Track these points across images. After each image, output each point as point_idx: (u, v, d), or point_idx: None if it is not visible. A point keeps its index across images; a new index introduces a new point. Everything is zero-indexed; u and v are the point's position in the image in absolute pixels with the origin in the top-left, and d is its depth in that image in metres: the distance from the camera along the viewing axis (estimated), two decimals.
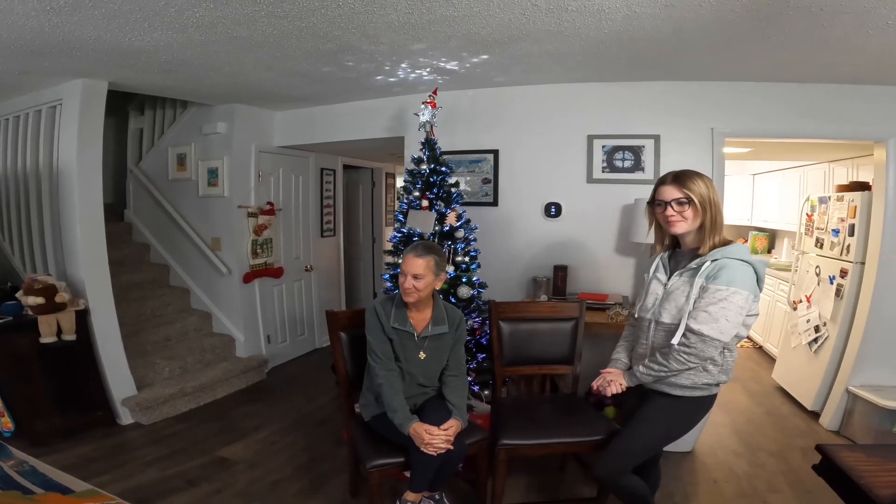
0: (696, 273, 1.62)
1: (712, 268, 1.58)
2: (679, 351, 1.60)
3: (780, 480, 2.58)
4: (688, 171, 1.68)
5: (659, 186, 1.71)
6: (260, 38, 2.37)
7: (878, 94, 2.85)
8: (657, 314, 1.73)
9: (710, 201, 1.63)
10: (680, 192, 1.64)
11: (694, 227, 1.67)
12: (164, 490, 2.47)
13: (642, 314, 1.81)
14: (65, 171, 2.99)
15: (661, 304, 1.72)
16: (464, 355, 2.24)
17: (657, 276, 1.78)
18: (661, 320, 1.70)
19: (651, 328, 1.76)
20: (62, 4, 1.91)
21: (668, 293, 1.70)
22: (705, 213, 1.63)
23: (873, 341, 3.00)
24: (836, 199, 3.45)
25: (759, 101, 2.98)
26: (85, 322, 3.01)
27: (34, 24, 2.09)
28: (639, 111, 3.15)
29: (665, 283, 1.74)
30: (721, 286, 1.54)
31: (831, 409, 3.19)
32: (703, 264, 1.60)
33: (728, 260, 1.57)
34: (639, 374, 1.73)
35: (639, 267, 3.17)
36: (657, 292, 1.76)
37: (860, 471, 1.24)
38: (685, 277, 1.66)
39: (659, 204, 1.70)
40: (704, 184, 1.64)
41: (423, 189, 2.85)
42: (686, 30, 2.20)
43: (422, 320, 2.12)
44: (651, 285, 1.80)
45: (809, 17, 1.97)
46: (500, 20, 2.18)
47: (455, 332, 2.16)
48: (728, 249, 1.60)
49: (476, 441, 2.13)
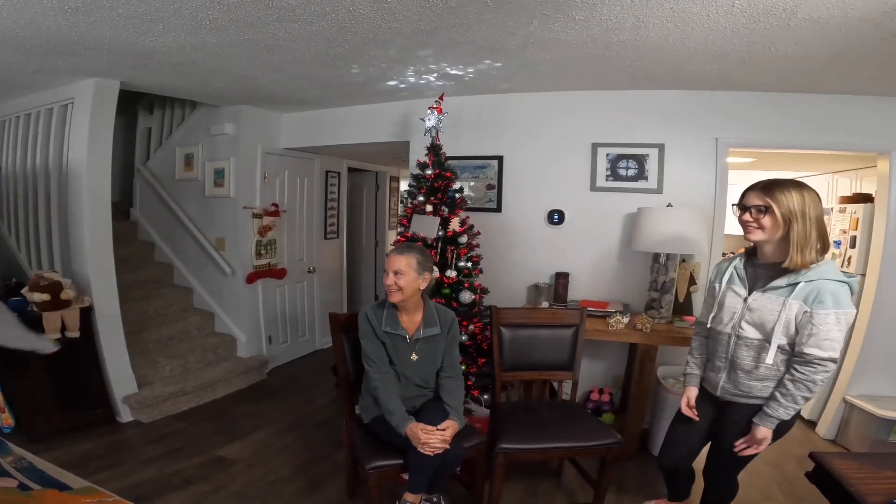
0: (786, 293, 1.57)
1: (811, 290, 1.53)
2: (821, 380, 1.55)
3: (774, 488, 2.59)
4: (784, 181, 1.61)
5: (747, 190, 1.67)
6: (271, 41, 2.41)
7: (882, 106, 2.85)
8: (737, 328, 1.70)
9: (799, 214, 1.55)
10: (761, 200, 1.59)
11: (773, 238, 1.62)
12: (162, 488, 2.47)
13: (718, 328, 1.77)
14: (74, 170, 3.02)
15: (741, 319, 1.68)
16: (458, 356, 2.26)
17: (733, 289, 1.74)
18: (744, 335, 1.67)
19: (731, 342, 1.72)
20: (80, 4, 1.94)
21: (749, 309, 1.66)
22: (790, 226, 1.56)
23: (872, 352, 3.01)
24: (839, 210, 3.46)
25: (763, 112, 3.00)
26: (89, 319, 3.03)
27: (51, 23, 2.12)
28: (643, 120, 3.17)
29: (745, 297, 1.70)
30: (831, 311, 1.51)
31: (828, 418, 3.19)
32: (797, 284, 1.55)
33: (827, 282, 1.52)
34: (782, 414, 1.60)
35: (639, 276, 3.18)
36: (736, 306, 1.71)
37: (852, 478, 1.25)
38: (772, 295, 1.61)
39: (741, 207, 1.67)
40: (799, 197, 1.56)
41: (427, 194, 2.87)
42: (693, 39, 2.22)
43: (413, 323, 2.14)
44: (727, 298, 1.75)
45: (816, 26, 1.99)
46: (507, 28, 2.21)
47: (447, 334, 2.19)
48: (822, 270, 1.54)
49: (474, 445, 2.14)
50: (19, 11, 2.00)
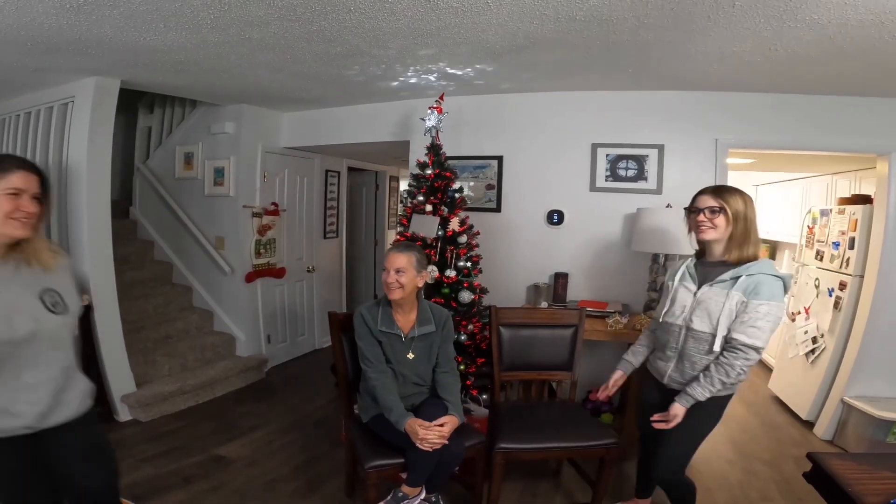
0: (729, 285, 1.73)
1: (749, 283, 1.69)
2: (740, 366, 1.69)
3: (772, 489, 2.59)
4: (729, 186, 1.84)
5: (698, 195, 1.84)
6: (271, 41, 2.41)
7: (882, 107, 2.86)
8: (688, 321, 1.83)
9: (743, 216, 1.75)
10: (715, 202, 1.77)
11: (722, 237, 1.79)
12: (160, 487, 2.47)
13: (670, 320, 1.89)
14: (74, 169, 3.02)
15: (691, 311, 1.82)
16: (453, 352, 2.29)
17: (685, 285, 1.88)
18: (693, 327, 1.80)
19: (681, 334, 1.85)
20: (81, 3, 1.94)
21: (698, 302, 1.80)
22: (736, 225, 1.75)
23: (869, 353, 3.02)
24: (838, 211, 3.46)
25: (763, 112, 3.00)
26: (87, 318, 3.02)
27: (52, 22, 2.12)
28: (643, 120, 3.18)
29: (695, 292, 1.83)
30: (763, 301, 1.66)
31: (826, 419, 3.20)
32: (738, 277, 1.71)
33: (763, 276, 1.69)
34: (698, 394, 1.75)
35: (638, 276, 3.19)
36: (686, 300, 1.85)
37: (849, 479, 1.26)
38: (717, 288, 1.76)
39: (694, 210, 1.83)
40: (742, 200, 1.76)
41: (427, 194, 2.88)
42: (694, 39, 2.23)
43: (408, 322, 2.16)
44: (678, 293, 1.89)
45: (817, 27, 2.00)
46: (508, 29, 2.21)
47: (442, 331, 2.21)
48: (761, 265, 1.72)
49: (473, 444, 2.14)
50: (21, 10, 2.00)
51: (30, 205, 1.32)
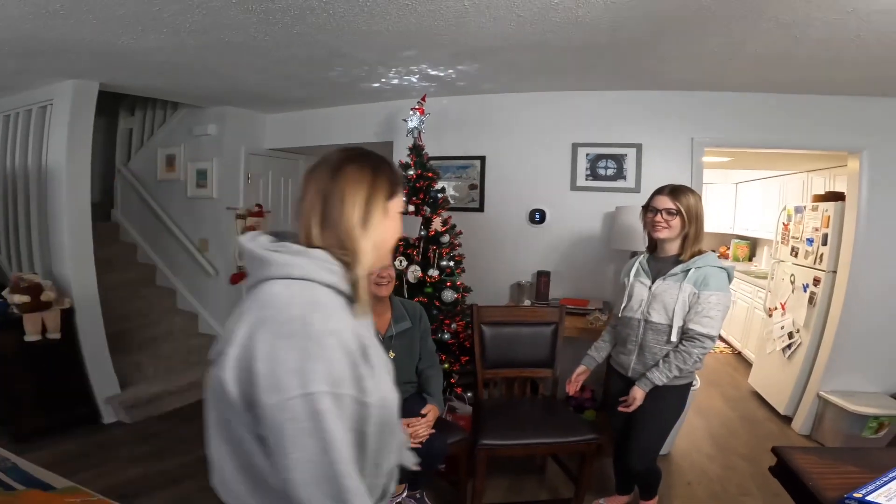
0: (681, 278, 1.86)
1: (699, 275, 1.83)
2: (697, 353, 1.82)
3: (751, 483, 2.64)
4: (683, 187, 1.93)
5: (655, 195, 1.94)
6: (252, 43, 2.42)
7: (854, 106, 2.92)
8: (646, 314, 1.93)
9: (696, 216, 1.87)
10: (672, 204, 1.87)
11: (676, 236, 1.90)
12: (148, 487, 2.48)
13: (629, 314, 1.99)
14: (53, 172, 3.00)
15: (648, 304, 1.92)
16: (433, 346, 2.34)
17: (640, 280, 1.99)
18: (651, 320, 1.91)
19: (640, 327, 1.95)
20: (58, 8, 1.94)
21: (654, 295, 1.92)
22: (690, 225, 1.87)
23: (844, 348, 3.09)
24: (811, 208, 3.54)
25: (737, 111, 3.06)
26: (70, 321, 3.01)
27: (30, 26, 2.12)
28: (622, 120, 3.23)
29: (650, 286, 1.94)
30: (713, 292, 1.80)
31: (803, 413, 3.27)
32: (689, 271, 1.85)
33: (710, 268, 1.84)
34: (656, 378, 1.87)
35: (619, 274, 3.23)
36: (643, 295, 1.96)
37: (811, 473, 1.27)
38: (670, 281, 1.88)
39: (651, 210, 1.92)
40: (696, 200, 1.88)
41: (409, 194, 2.90)
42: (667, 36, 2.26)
43: (383, 321, 2.20)
44: (635, 288, 2.00)
45: (786, 29, 2.05)
46: (487, 31, 2.24)
47: (419, 325, 2.26)
48: (707, 258, 1.86)
49: (457, 441, 2.18)
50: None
51: None
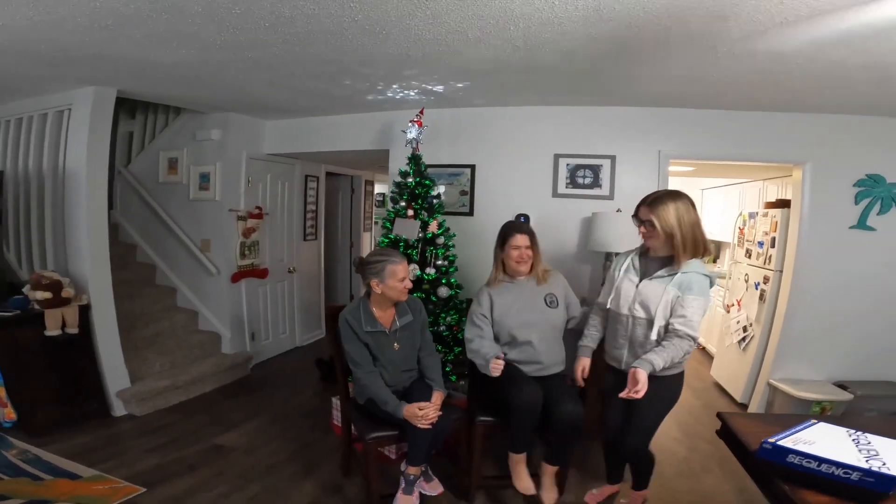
0: (667, 281, 2.00)
1: (684, 279, 1.97)
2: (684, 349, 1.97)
3: (712, 463, 2.96)
4: (662, 197, 2.01)
5: (638, 205, 2.08)
6: (270, 59, 2.64)
7: (799, 121, 3.29)
8: (633, 310, 2.08)
9: (676, 225, 1.95)
10: (646, 217, 2.02)
11: (663, 243, 2.04)
12: (168, 473, 2.65)
13: (617, 309, 2.15)
14: (73, 174, 3.14)
15: (634, 301, 2.08)
16: (430, 335, 2.60)
17: (629, 277, 2.14)
18: (637, 316, 2.07)
19: (629, 322, 2.10)
20: (110, 23, 2.10)
21: (639, 293, 2.07)
22: (673, 236, 1.97)
23: (790, 339, 3.48)
24: (763, 214, 3.96)
25: (697, 126, 3.42)
26: (86, 316, 3.16)
27: (77, 38, 2.27)
28: (599, 133, 3.56)
29: (637, 284, 2.09)
30: (695, 296, 1.95)
31: (756, 400, 3.63)
32: (674, 274, 1.99)
33: (695, 275, 1.98)
34: (652, 359, 1.94)
35: (595, 273, 3.59)
36: (630, 291, 2.11)
37: (744, 432, 1.59)
38: (656, 283, 2.03)
39: (636, 219, 2.09)
40: (675, 209, 1.96)
41: (408, 199, 3.18)
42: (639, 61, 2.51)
43: (388, 317, 2.44)
44: (623, 284, 2.14)
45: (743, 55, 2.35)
46: (484, 56, 2.53)
47: (419, 318, 2.52)
48: (692, 265, 1.99)
49: (457, 418, 2.46)
50: (52, 25, 2.13)
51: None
